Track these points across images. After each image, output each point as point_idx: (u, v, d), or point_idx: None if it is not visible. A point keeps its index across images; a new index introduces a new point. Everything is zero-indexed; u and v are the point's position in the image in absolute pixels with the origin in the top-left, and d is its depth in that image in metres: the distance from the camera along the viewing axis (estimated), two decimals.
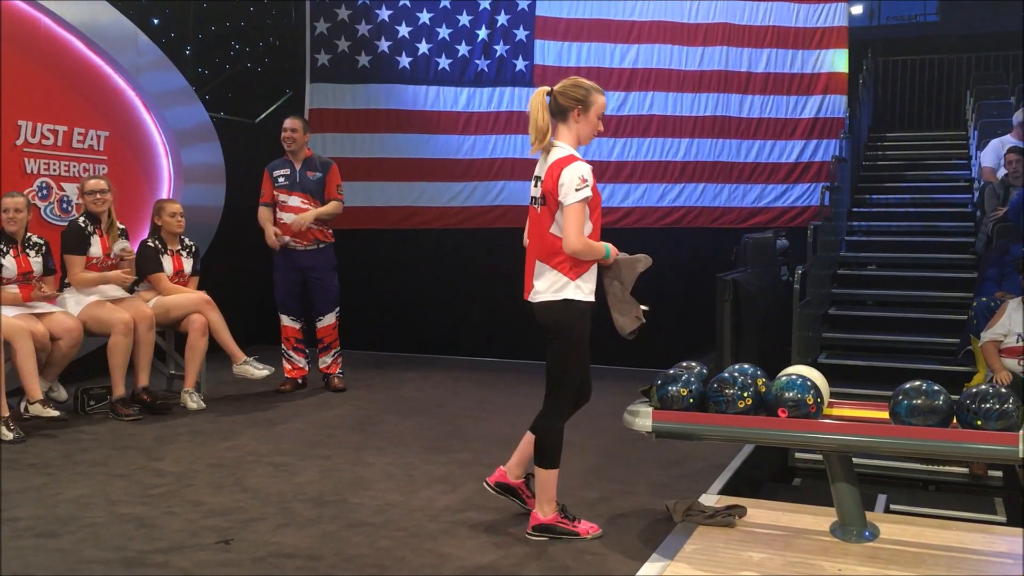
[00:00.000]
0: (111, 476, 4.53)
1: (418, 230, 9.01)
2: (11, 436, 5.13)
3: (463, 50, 8.95)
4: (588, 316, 3.70)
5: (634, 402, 3.86)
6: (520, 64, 8.93)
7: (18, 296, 5.57)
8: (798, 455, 5.99)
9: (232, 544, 3.64)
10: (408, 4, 8.93)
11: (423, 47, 8.94)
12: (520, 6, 8.92)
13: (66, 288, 5.95)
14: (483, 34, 8.93)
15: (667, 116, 8.85)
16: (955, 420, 3.51)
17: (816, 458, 5.56)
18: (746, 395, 3.67)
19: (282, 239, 6.67)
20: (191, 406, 6.06)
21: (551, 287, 3.68)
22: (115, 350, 5.77)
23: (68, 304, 5.87)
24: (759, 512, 4.05)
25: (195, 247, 6.58)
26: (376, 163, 8.84)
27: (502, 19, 8.93)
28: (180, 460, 4.87)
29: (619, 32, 8.87)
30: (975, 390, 3.49)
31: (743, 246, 7.85)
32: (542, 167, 3.71)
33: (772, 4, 8.78)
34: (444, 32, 8.95)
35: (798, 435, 3.70)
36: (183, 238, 6.48)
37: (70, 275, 5.91)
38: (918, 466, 5.83)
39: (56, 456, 4.88)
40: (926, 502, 5.34)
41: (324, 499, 4.25)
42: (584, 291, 3.67)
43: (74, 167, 6.81)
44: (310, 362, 6.95)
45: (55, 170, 6.68)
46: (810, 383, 3.67)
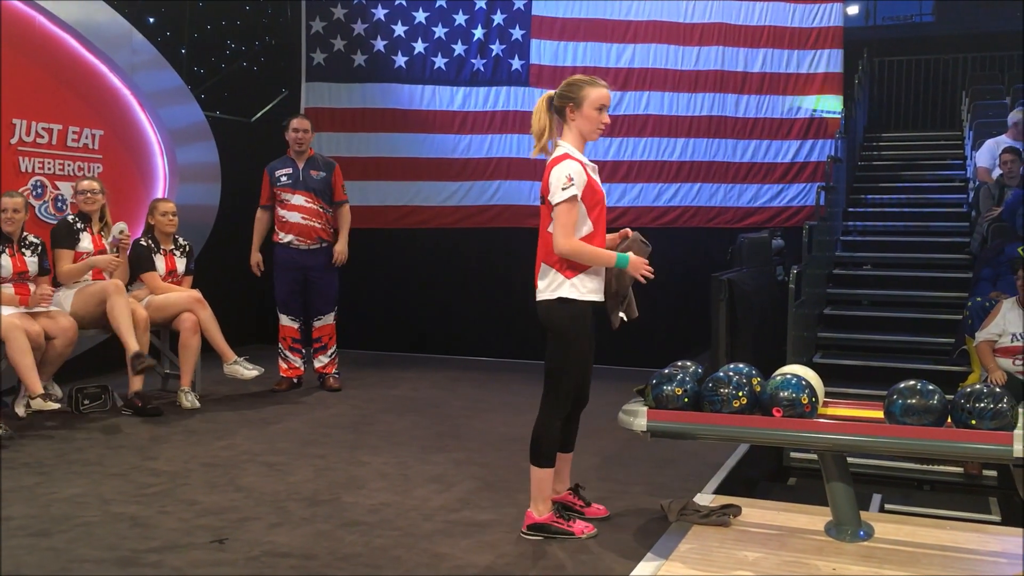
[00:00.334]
0: (105, 475, 4.52)
1: (414, 229, 9.00)
2: (54, 406, 5.19)
3: (459, 49, 8.94)
4: (587, 316, 3.68)
5: (629, 401, 3.86)
6: (516, 63, 8.92)
7: (14, 297, 5.56)
8: (793, 455, 5.99)
9: (226, 543, 3.63)
10: (404, 3, 8.91)
11: (419, 46, 8.93)
12: (516, 5, 8.91)
13: (58, 288, 5.95)
14: (479, 33, 8.93)
15: (663, 116, 8.85)
16: (950, 420, 3.51)
17: (811, 457, 5.57)
18: (741, 394, 3.67)
19: (284, 238, 6.67)
20: (186, 405, 6.05)
21: (549, 286, 3.67)
22: (114, 311, 5.77)
23: (61, 302, 5.87)
24: (754, 511, 4.05)
25: (189, 246, 6.57)
26: (372, 162, 8.83)
27: (498, 18, 8.92)
28: (174, 459, 4.86)
29: (615, 32, 8.87)
30: (970, 389, 3.49)
31: (739, 246, 7.85)
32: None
33: (768, 4, 8.78)
34: (440, 31, 8.94)
35: (793, 434, 3.70)
36: (177, 237, 6.47)
37: (57, 269, 5.92)
38: (913, 466, 5.84)
39: (50, 455, 4.87)
40: (921, 502, 5.34)
41: (318, 498, 4.24)
42: (581, 290, 3.64)
43: (69, 166, 6.79)
44: (306, 362, 6.95)
45: (50, 169, 6.66)
46: (805, 383, 3.67)
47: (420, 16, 8.93)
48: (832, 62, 8.80)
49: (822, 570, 3.42)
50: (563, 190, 3.54)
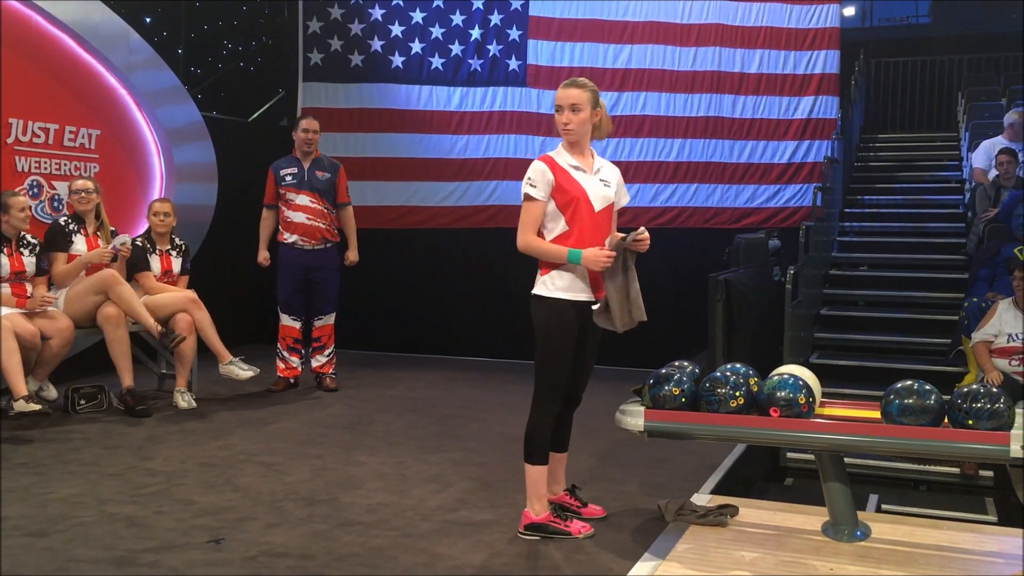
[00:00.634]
0: (101, 475, 4.52)
1: (411, 230, 8.99)
2: (38, 408, 5.18)
3: (456, 50, 8.94)
4: (563, 313, 3.66)
5: (626, 401, 3.86)
6: (513, 64, 8.92)
7: (11, 297, 5.53)
8: (790, 455, 5.99)
9: (223, 543, 3.62)
10: (401, 3, 8.91)
11: (416, 46, 8.93)
12: (513, 6, 8.91)
13: (52, 288, 5.93)
14: (476, 34, 8.93)
15: (660, 116, 8.85)
16: (946, 420, 3.51)
17: (808, 458, 5.57)
18: (738, 394, 3.67)
19: (289, 237, 6.67)
20: (182, 405, 6.04)
21: (533, 283, 3.75)
22: (122, 300, 5.84)
23: (57, 303, 5.86)
24: (751, 512, 4.05)
25: (185, 246, 6.56)
26: (369, 162, 8.83)
27: (495, 19, 8.92)
28: (171, 459, 4.85)
29: (612, 32, 8.87)
30: (966, 389, 3.49)
31: (736, 246, 7.86)
32: None
33: (765, 5, 8.79)
34: (437, 31, 8.93)
35: (790, 434, 3.70)
36: (173, 238, 6.46)
37: (52, 272, 5.90)
38: (909, 466, 5.84)
39: (46, 455, 4.86)
40: (917, 502, 5.34)
41: (315, 498, 4.24)
42: (551, 287, 3.67)
43: (65, 165, 6.78)
44: (303, 362, 6.94)
45: (46, 168, 6.65)
46: (802, 383, 3.68)
47: (417, 16, 8.92)
48: (829, 63, 8.82)
49: (819, 570, 3.42)
50: (523, 189, 3.66)
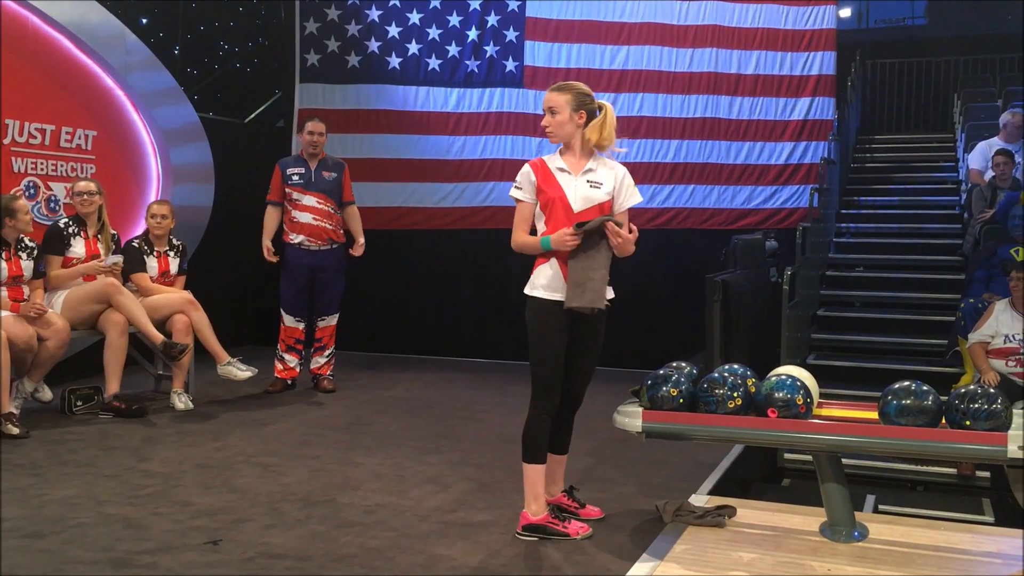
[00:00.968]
0: (98, 477, 4.51)
1: (408, 231, 8.99)
2: (16, 431, 5.12)
3: (453, 51, 8.94)
4: (547, 312, 3.67)
5: (624, 402, 3.87)
6: (510, 65, 8.92)
7: (7, 300, 5.51)
8: (787, 456, 6.00)
9: (220, 545, 3.62)
10: (398, 4, 8.91)
11: (413, 47, 8.93)
12: (510, 7, 8.92)
13: (47, 291, 5.92)
14: (473, 35, 8.93)
15: (657, 117, 8.86)
16: (943, 420, 3.52)
17: (805, 458, 5.58)
18: (736, 395, 3.68)
19: (295, 238, 6.67)
20: (179, 406, 6.03)
21: None
22: (123, 308, 5.85)
23: (53, 304, 5.84)
24: (749, 512, 4.06)
25: (183, 246, 6.55)
26: (366, 163, 8.82)
27: (492, 20, 8.93)
28: (168, 461, 4.84)
29: (609, 33, 8.88)
30: (964, 390, 3.50)
31: (732, 247, 7.86)
32: None
33: (761, 6, 8.80)
34: (434, 33, 8.93)
35: (788, 435, 3.71)
36: (171, 238, 6.45)
37: (47, 274, 5.88)
38: (906, 467, 5.85)
39: (43, 456, 4.85)
40: (914, 502, 5.35)
41: (313, 499, 4.23)
42: (532, 286, 3.73)
43: (61, 166, 6.77)
44: (302, 363, 6.93)
45: (42, 169, 6.64)
46: (799, 383, 3.68)
47: (414, 17, 8.92)
48: (825, 64, 8.83)
49: (817, 571, 3.42)
50: (511, 191, 3.79)
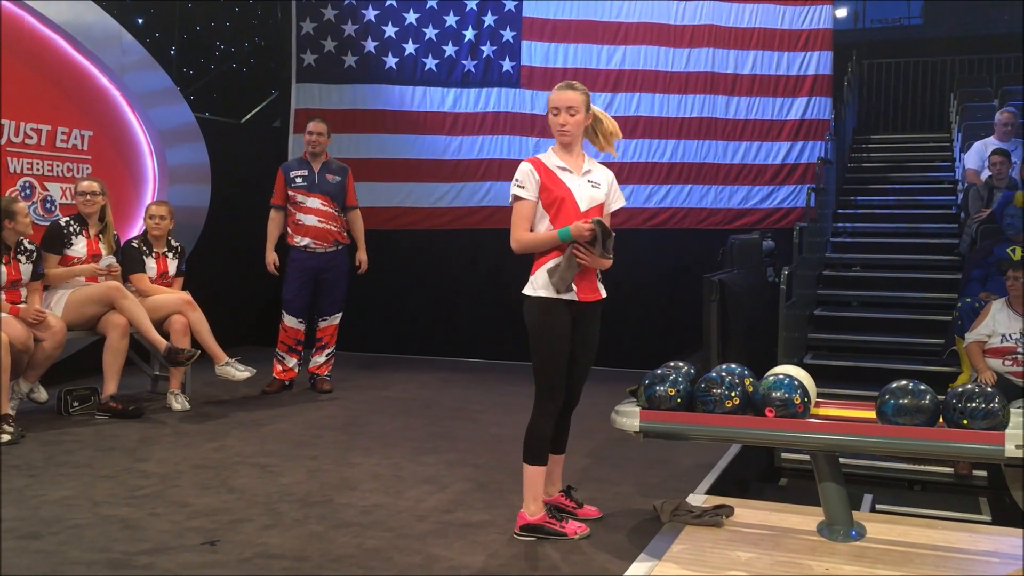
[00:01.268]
0: (95, 477, 4.50)
1: (405, 231, 8.98)
2: (9, 436, 5.08)
3: (450, 51, 8.94)
4: (551, 311, 3.66)
5: (622, 402, 3.86)
6: (507, 65, 8.92)
7: (6, 304, 5.49)
8: (785, 455, 6.00)
9: (218, 545, 3.61)
10: (395, 4, 8.91)
11: (409, 47, 8.92)
12: (507, 7, 8.92)
13: (47, 290, 5.90)
14: (470, 35, 8.92)
15: (654, 117, 8.87)
16: (941, 420, 3.52)
17: (803, 458, 5.58)
18: (733, 395, 3.67)
19: (300, 241, 6.66)
20: (176, 407, 6.03)
21: None
22: (126, 312, 5.84)
23: (52, 306, 5.82)
24: (746, 512, 4.06)
25: (181, 247, 6.54)
26: (362, 164, 8.82)
27: (489, 20, 8.93)
28: (165, 461, 4.83)
29: (606, 33, 8.88)
30: (961, 389, 3.50)
31: (730, 247, 7.87)
32: None
33: (757, 6, 8.81)
34: (431, 32, 8.93)
35: (785, 435, 3.71)
36: (169, 240, 6.44)
37: (46, 273, 5.87)
38: (904, 466, 5.85)
39: (39, 457, 4.84)
40: (912, 502, 5.35)
41: (310, 500, 4.23)
42: (535, 286, 3.70)
43: (58, 167, 6.76)
44: (301, 364, 6.92)
45: (38, 170, 6.63)
46: (797, 383, 3.68)
47: (411, 17, 8.92)
48: (822, 64, 8.84)
49: (815, 570, 3.42)
50: (511, 190, 3.72)
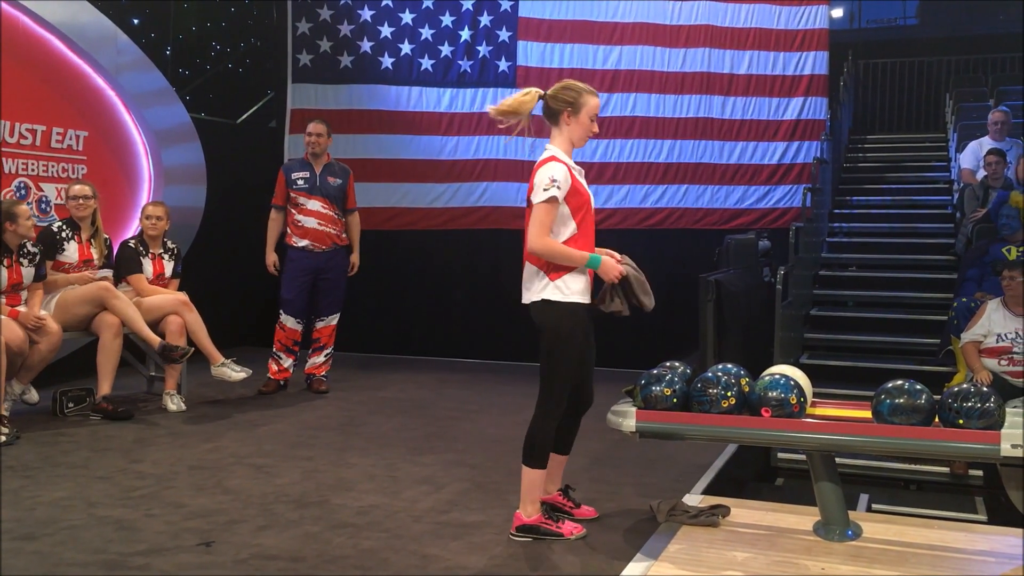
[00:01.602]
0: (90, 478, 4.49)
1: (401, 231, 8.98)
2: (4, 437, 5.06)
3: (446, 51, 8.94)
4: (578, 316, 3.66)
5: (618, 402, 3.87)
6: (503, 65, 8.92)
7: (5, 307, 5.46)
8: (781, 455, 6.01)
9: (213, 546, 3.61)
10: (391, 4, 8.90)
11: (406, 47, 8.92)
12: (503, 7, 8.91)
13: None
14: (466, 35, 8.92)
15: (650, 117, 8.87)
16: (937, 419, 3.52)
17: (799, 458, 5.58)
18: (730, 395, 3.68)
19: (299, 242, 6.65)
20: (171, 408, 6.02)
21: (535, 287, 3.67)
22: (118, 311, 5.81)
23: (49, 306, 5.81)
24: (742, 512, 4.06)
25: (177, 249, 6.53)
26: (359, 164, 8.78)
27: (485, 20, 8.92)
28: (160, 462, 4.82)
29: (602, 33, 8.89)
30: (957, 389, 3.50)
31: (726, 247, 7.88)
32: None
33: (753, 6, 8.82)
34: (427, 33, 8.93)
35: (781, 434, 3.71)
36: (165, 241, 6.43)
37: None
38: (900, 466, 5.87)
39: (35, 458, 4.82)
40: (908, 501, 5.37)
41: (306, 500, 4.22)
42: (565, 291, 3.63)
43: (53, 167, 6.74)
44: (296, 364, 6.91)
45: (33, 170, 6.61)
46: (793, 383, 3.68)
47: (407, 17, 8.92)
48: (818, 64, 8.85)
49: (811, 570, 3.42)
50: (544, 191, 3.55)
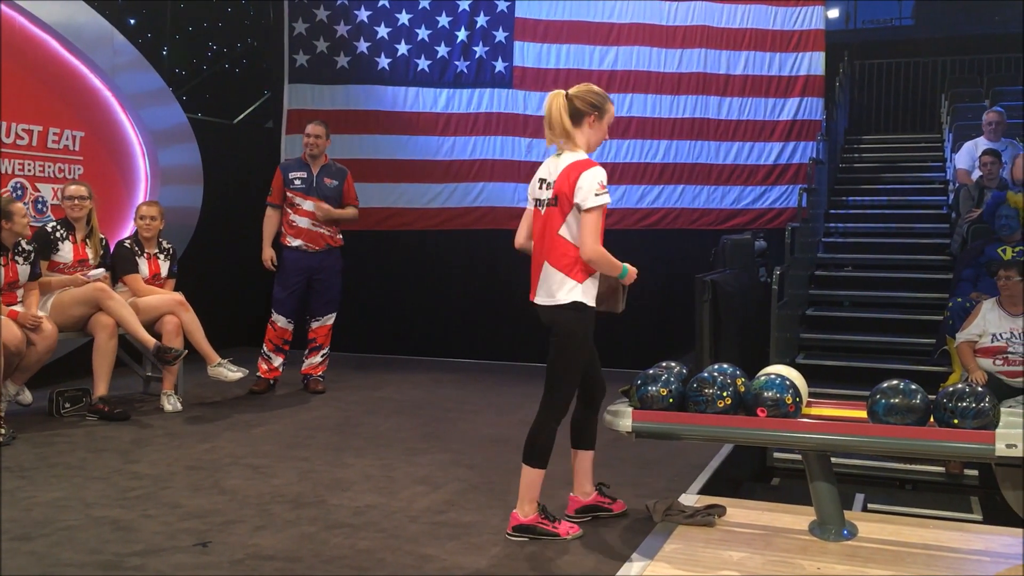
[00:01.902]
0: (87, 479, 4.49)
1: (398, 231, 8.98)
2: (0, 438, 5.06)
3: (442, 51, 8.94)
4: (593, 320, 3.71)
5: (614, 402, 3.87)
6: (499, 66, 8.92)
7: (2, 306, 5.46)
8: (776, 455, 6.02)
9: (210, 547, 3.61)
10: (387, 5, 8.90)
11: (402, 48, 8.92)
12: (499, 8, 8.91)
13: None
14: (462, 35, 8.92)
15: (646, 118, 8.87)
16: (932, 419, 3.53)
17: (794, 458, 5.59)
18: (725, 395, 3.69)
19: (293, 242, 6.65)
20: (168, 408, 6.01)
21: (560, 290, 3.65)
22: (112, 312, 5.80)
23: (45, 306, 5.81)
24: (738, 512, 4.07)
25: (172, 249, 6.53)
26: (355, 164, 8.77)
27: (481, 20, 8.92)
28: (157, 462, 4.82)
29: (598, 34, 8.89)
30: (952, 389, 3.52)
31: (722, 247, 7.88)
32: (550, 169, 3.72)
33: (749, 7, 8.82)
34: (423, 33, 8.93)
35: (777, 434, 3.72)
36: (160, 241, 6.42)
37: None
38: (895, 465, 5.88)
39: (31, 459, 4.82)
40: (903, 501, 5.37)
41: (303, 501, 4.22)
42: (591, 297, 3.68)
43: (49, 167, 6.74)
44: (287, 364, 6.89)
45: (30, 170, 6.61)
46: (789, 383, 3.69)
47: (403, 18, 8.92)
48: (813, 65, 8.85)
49: (807, 569, 3.43)
50: (596, 196, 3.56)
